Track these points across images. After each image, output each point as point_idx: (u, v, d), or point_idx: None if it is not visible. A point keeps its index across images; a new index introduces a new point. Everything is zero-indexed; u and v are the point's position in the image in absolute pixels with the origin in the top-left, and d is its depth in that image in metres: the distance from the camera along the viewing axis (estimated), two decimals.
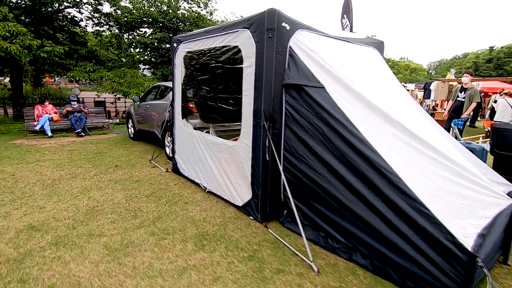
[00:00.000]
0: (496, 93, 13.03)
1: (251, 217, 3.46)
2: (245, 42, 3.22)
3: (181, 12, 14.08)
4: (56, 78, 28.42)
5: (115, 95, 11.41)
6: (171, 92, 6.18)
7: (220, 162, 3.90)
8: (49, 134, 8.29)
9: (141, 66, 15.55)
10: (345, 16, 9.12)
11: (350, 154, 2.55)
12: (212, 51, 3.92)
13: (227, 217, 3.50)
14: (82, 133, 8.68)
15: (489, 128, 10.05)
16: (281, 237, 3.03)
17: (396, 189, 2.30)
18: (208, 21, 14.64)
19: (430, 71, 78.19)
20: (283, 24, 2.97)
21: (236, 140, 3.62)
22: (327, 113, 2.70)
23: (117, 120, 11.54)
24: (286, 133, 3.08)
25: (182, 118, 4.77)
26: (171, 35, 14.36)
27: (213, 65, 4.20)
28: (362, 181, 2.49)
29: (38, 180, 4.71)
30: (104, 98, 13.34)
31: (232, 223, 3.37)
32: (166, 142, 6.18)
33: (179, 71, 4.68)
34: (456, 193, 2.43)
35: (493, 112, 10.52)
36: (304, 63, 2.96)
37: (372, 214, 2.45)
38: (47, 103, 8.91)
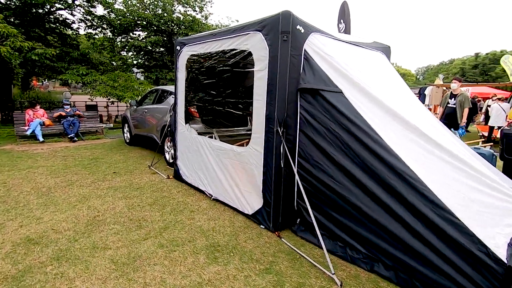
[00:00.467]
0: (488, 98, 13.31)
1: (262, 226, 3.33)
2: (257, 45, 3.12)
3: (176, 16, 13.95)
4: (44, 81, 27.73)
5: (109, 99, 11.13)
6: (170, 96, 6.06)
7: (227, 169, 3.76)
8: (41, 139, 7.97)
9: (135, 69, 15.30)
10: (341, 21, 9.16)
11: (372, 161, 2.47)
12: (219, 54, 3.80)
13: (237, 227, 3.36)
14: (75, 138, 8.40)
15: (483, 133, 10.23)
16: (296, 247, 2.91)
17: (423, 197, 2.22)
18: (203, 25, 14.54)
19: (418, 77, 79.88)
20: (298, 27, 2.88)
21: (241, 144, 3.51)
22: (346, 119, 2.62)
23: (111, 125, 11.25)
24: (300, 139, 2.98)
25: (186, 123, 4.62)
26: (165, 38, 14.20)
27: (221, 68, 4.09)
28: (385, 189, 2.41)
29: (32, 188, 4.47)
30: (96, 102, 13.03)
31: (243, 232, 3.23)
32: (165, 147, 6.00)
33: (183, 75, 4.54)
34: (479, 201, 2.37)
35: (486, 116, 10.71)
36: (320, 67, 2.88)
37: (396, 223, 2.36)
38: (38, 107, 8.60)
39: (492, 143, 7.85)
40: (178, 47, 4.56)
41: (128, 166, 5.89)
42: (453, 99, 6.90)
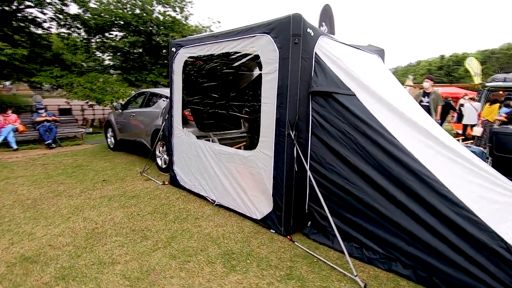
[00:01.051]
0: (457, 98, 14.18)
1: (272, 231, 3.29)
2: (265, 48, 3.08)
3: (156, 16, 13.55)
4: (6, 83, 25.73)
5: (87, 102, 10.58)
6: (161, 99, 5.86)
7: (232, 174, 3.68)
8: (14, 146, 7.40)
9: (111, 71, 14.66)
10: (323, 24, 9.33)
11: (388, 163, 2.51)
12: (222, 56, 3.72)
13: (246, 232, 3.30)
14: (53, 144, 7.88)
15: (458, 131, 10.87)
16: (311, 250, 2.90)
17: (441, 196, 2.29)
18: (183, 25, 14.24)
19: None
20: (308, 30, 2.88)
21: (238, 148, 3.45)
22: (361, 121, 2.65)
23: (90, 129, 10.68)
24: (312, 142, 2.98)
25: (183, 127, 4.47)
26: (144, 39, 13.74)
27: (222, 71, 4.00)
28: (402, 190, 2.46)
29: (15, 201, 4.12)
30: (71, 105, 12.33)
31: (254, 238, 3.17)
32: (157, 152, 5.79)
33: (179, 78, 4.40)
34: (488, 198, 2.49)
35: (459, 115, 11.39)
36: (332, 70, 2.90)
37: (413, 222, 2.42)
38: (9, 112, 7.98)
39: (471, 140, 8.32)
40: (173, 49, 4.41)
41: (117, 173, 5.61)
42: (426, 97, 7.14)
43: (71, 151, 7.66)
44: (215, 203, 3.99)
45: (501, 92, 9.35)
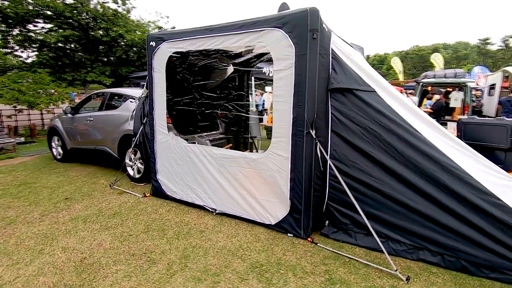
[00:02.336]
0: None
1: (290, 235, 3.15)
2: (277, 43, 2.90)
3: (94, 7, 12.03)
4: None
5: (15, 107, 8.86)
6: (127, 101, 5.21)
7: (237, 179, 3.42)
8: None
9: (39, 70, 12.56)
10: None
11: (415, 157, 2.59)
12: (220, 52, 3.41)
13: (264, 240, 3.09)
14: None
15: None
16: (337, 250, 2.85)
17: (467, 185, 2.45)
18: (126, 19, 12.97)
19: None
20: (323, 25, 2.80)
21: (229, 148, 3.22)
22: (385, 116, 2.68)
23: (22, 139, 8.96)
24: (333, 140, 2.92)
25: (169, 131, 4.00)
26: (78, 33, 12.08)
27: (221, 68, 3.68)
28: (429, 182, 2.56)
29: None
30: None
31: (275, 245, 2.99)
32: (127, 161, 5.11)
33: (161, 75, 3.91)
34: (497, 182, 2.74)
35: None
36: (350, 66, 2.86)
37: (441, 211, 2.54)
38: None
39: None
40: (152, 43, 3.90)
41: (80, 189, 4.78)
42: None
43: (4, 166, 6.30)
44: (216, 212, 3.67)
45: (429, 88, 10.77)
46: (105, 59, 13.32)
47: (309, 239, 3.05)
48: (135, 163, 4.96)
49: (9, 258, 2.79)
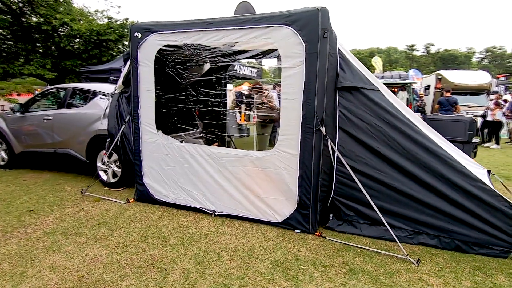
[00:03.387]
0: None
1: (297, 231, 3.19)
2: (286, 41, 2.90)
3: None
4: None
5: None
6: (97, 98, 4.71)
7: (240, 178, 3.35)
8: None
9: None
10: None
11: (416, 150, 2.84)
12: (220, 46, 3.27)
13: (274, 238, 3.08)
14: None
15: None
16: (347, 242, 2.98)
17: (460, 173, 2.77)
18: (70, 6, 11.59)
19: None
20: (331, 24, 2.89)
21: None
22: (389, 114, 2.88)
23: None
24: (340, 137, 3.03)
25: (158, 130, 3.71)
26: (11, 19, 10.41)
27: (199, 64, 3.52)
28: (428, 172, 2.83)
29: None
30: None
31: (286, 242, 3.00)
32: (99, 164, 4.60)
33: (148, 70, 3.60)
34: (476, 171, 3.14)
35: None
36: (356, 66, 3.00)
37: (437, 198, 2.83)
38: None
39: None
40: (137, 34, 3.57)
41: (44, 198, 4.16)
42: None
43: None
44: (216, 213, 3.53)
45: None
46: (42, 50, 11.72)
47: (317, 233, 3.13)
48: (110, 167, 4.49)
49: None
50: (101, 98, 4.65)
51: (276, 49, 3.27)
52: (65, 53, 11.57)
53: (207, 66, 5.26)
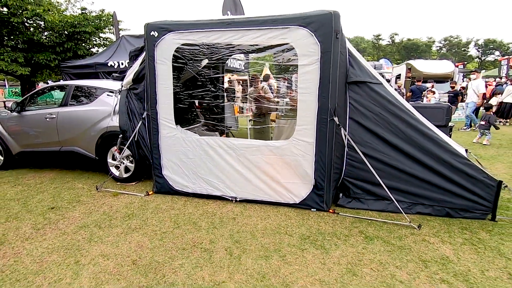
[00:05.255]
0: None
1: (313, 209, 3.61)
2: (303, 41, 3.23)
3: None
4: None
5: None
6: (103, 95, 4.77)
7: (259, 166, 3.68)
8: None
9: None
10: (228, 13, 9.64)
11: (414, 134, 3.34)
12: (239, 45, 3.53)
13: (295, 217, 3.48)
14: None
15: None
16: (357, 215, 3.46)
17: (449, 152, 3.32)
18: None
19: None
20: (341, 26, 3.26)
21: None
22: (392, 104, 3.34)
23: None
24: (350, 125, 3.46)
25: (176, 125, 3.92)
26: None
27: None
28: (424, 153, 3.36)
29: None
30: None
31: (307, 219, 3.41)
32: (110, 160, 4.70)
33: (166, 67, 3.77)
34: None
35: None
36: (362, 63, 3.41)
37: (432, 174, 3.38)
38: None
39: None
40: (154, 33, 3.71)
41: (60, 196, 4.22)
42: None
43: None
44: (237, 199, 3.85)
45: None
46: (12, 43, 10.98)
47: (330, 210, 3.57)
48: (122, 162, 4.61)
49: (43, 276, 2.47)
50: (108, 95, 4.70)
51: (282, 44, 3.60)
52: (34, 45, 10.95)
53: (204, 62, 5.45)
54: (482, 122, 7.48)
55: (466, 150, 4.14)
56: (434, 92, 9.82)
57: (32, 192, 4.39)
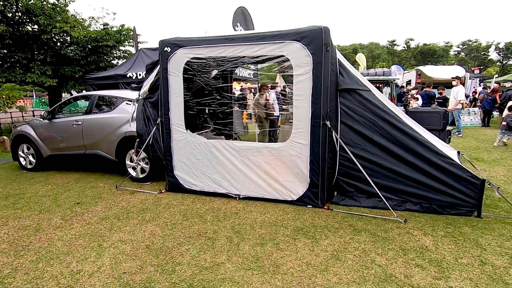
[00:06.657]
0: None
1: (309, 206, 3.94)
2: (296, 53, 3.63)
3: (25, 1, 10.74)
4: None
5: None
6: (122, 103, 5.31)
7: (260, 166, 4.06)
8: None
9: None
10: (238, 24, 10.16)
11: (401, 136, 3.63)
12: (241, 58, 3.96)
13: (291, 212, 3.81)
14: None
15: None
16: (350, 211, 3.76)
17: (434, 152, 3.58)
18: (66, 13, 11.89)
19: None
20: (332, 40, 3.64)
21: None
22: (379, 108, 3.66)
23: None
24: (341, 128, 3.80)
25: (186, 129, 4.38)
26: (11, 29, 10.68)
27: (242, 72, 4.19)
28: (410, 153, 3.64)
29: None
30: None
31: (302, 214, 3.74)
32: (128, 162, 5.21)
33: (177, 79, 4.26)
34: (447, 151, 3.98)
35: None
36: (351, 72, 3.76)
37: (418, 173, 3.64)
38: None
39: None
40: (167, 49, 4.21)
41: (84, 193, 4.75)
42: None
43: None
44: (240, 197, 4.23)
45: None
46: (41, 57, 12.00)
47: (325, 207, 3.89)
48: (139, 164, 5.10)
49: (72, 256, 2.93)
50: (126, 103, 5.25)
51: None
52: (61, 59, 11.89)
53: (214, 72, 5.93)
54: (504, 123, 7.59)
55: (459, 152, 4.37)
56: (417, 99, 9.99)
57: (61, 190, 4.95)
